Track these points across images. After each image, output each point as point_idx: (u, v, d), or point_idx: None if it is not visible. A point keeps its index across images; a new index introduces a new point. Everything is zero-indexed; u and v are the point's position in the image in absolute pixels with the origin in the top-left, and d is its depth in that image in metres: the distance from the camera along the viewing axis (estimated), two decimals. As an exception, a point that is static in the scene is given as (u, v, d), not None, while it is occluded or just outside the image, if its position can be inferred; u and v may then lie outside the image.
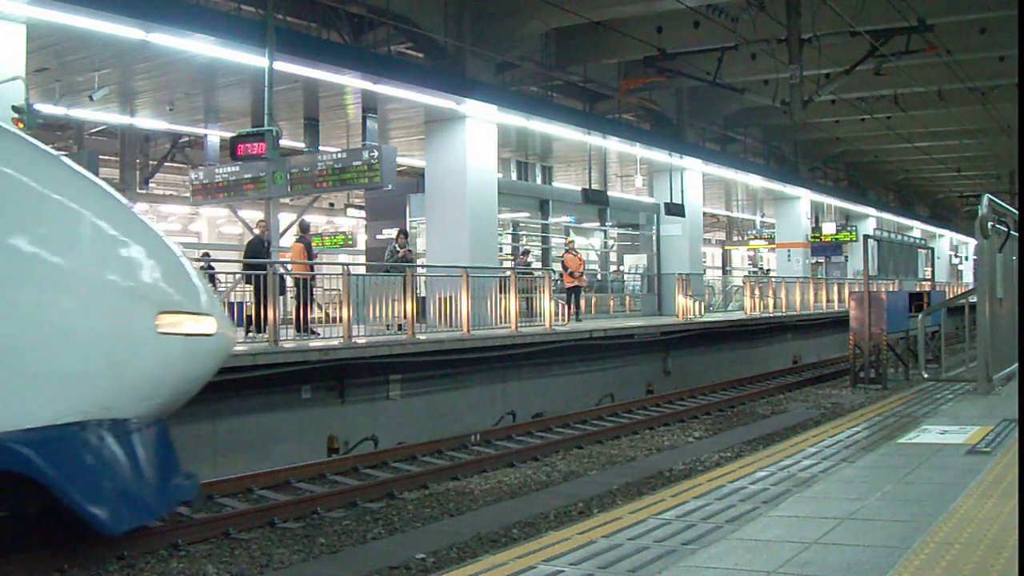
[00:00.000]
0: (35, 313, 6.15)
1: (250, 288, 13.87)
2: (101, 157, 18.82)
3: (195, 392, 7.13)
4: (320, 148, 21.61)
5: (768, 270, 44.77)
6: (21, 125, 10.39)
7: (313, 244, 18.27)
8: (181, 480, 6.96)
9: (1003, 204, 11.72)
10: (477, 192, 18.84)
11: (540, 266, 22.17)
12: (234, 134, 15.70)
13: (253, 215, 24.25)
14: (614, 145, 24.39)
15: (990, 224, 10.42)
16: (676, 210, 27.32)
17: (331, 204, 37.82)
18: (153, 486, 6.63)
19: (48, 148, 7.16)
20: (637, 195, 31.44)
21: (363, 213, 26.99)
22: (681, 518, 5.57)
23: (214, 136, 23.80)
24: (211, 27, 13.25)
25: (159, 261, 6.90)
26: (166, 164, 30.02)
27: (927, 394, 11.48)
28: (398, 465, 10.65)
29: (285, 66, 14.32)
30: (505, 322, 16.44)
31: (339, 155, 16.84)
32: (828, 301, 32.93)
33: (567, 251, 21.42)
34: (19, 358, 6.03)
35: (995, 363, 10.67)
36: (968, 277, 59.01)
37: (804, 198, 36.79)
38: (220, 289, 14.19)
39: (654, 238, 28.34)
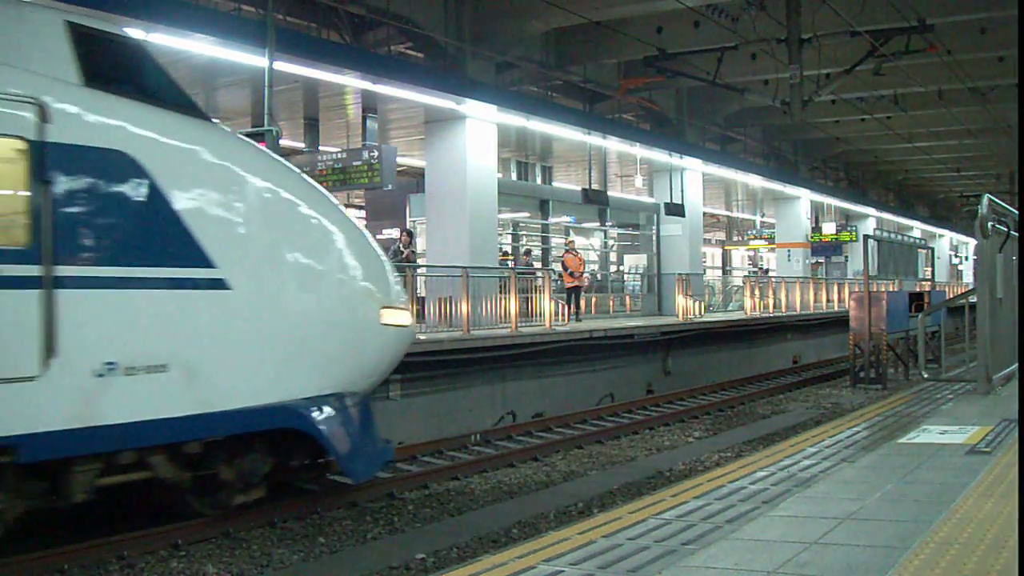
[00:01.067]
0: (312, 312, 8.10)
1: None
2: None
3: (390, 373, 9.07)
4: (320, 148, 21.62)
5: (767, 270, 44.79)
6: None
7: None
8: (383, 444, 8.74)
9: (1003, 204, 11.72)
10: (477, 192, 18.84)
11: (540, 266, 22.18)
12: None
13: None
14: (614, 145, 24.39)
15: (990, 224, 10.42)
16: (676, 210, 27.33)
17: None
18: (375, 446, 8.50)
19: (309, 178, 8.79)
20: (637, 195, 31.44)
21: (363, 213, 27.00)
22: (681, 518, 5.57)
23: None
24: (211, 27, 13.26)
25: (379, 266, 8.77)
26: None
27: (927, 394, 11.49)
28: (398, 465, 10.66)
29: (285, 66, 14.32)
30: (505, 322, 16.45)
31: (339, 155, 16.84)
32: (828, 301, 32.93)
33: (567, 251, 21.43)
34: (302, 347, 7.96)
35: (995, 363, 10.67)
36: (968, 277, 59.00)
37: (804, 198, 36.79)
38: None
39: (654, 238, 28.34)
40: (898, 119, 31.26)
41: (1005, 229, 11.30)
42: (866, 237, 19.39)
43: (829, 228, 41.07)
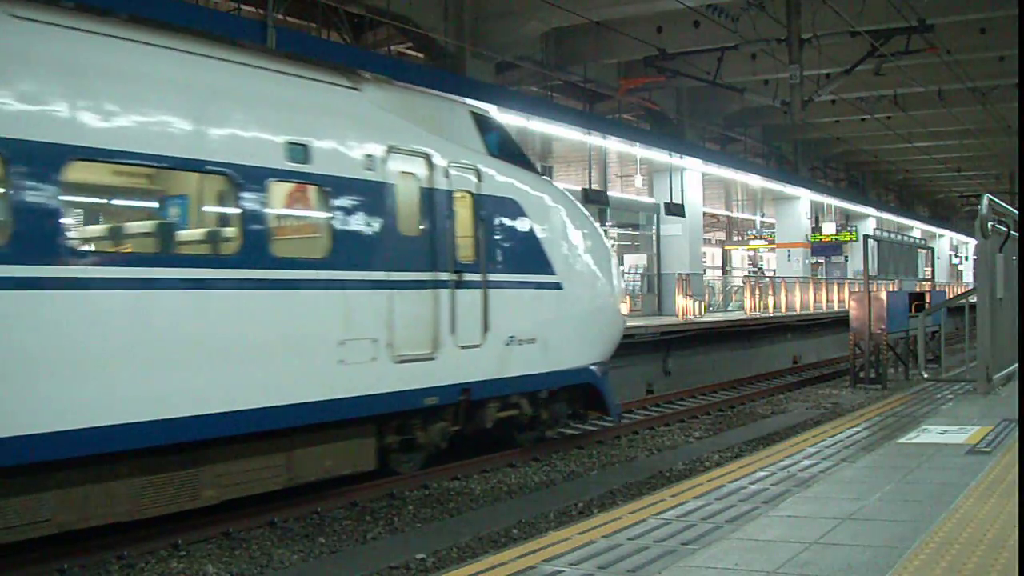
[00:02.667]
0: (594, 303, 11.49)
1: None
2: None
3: None
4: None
5: (762, 268, 44.80)
6: None
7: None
8: (616, 401, 11.99)
9: (1003, 204, 11.72)
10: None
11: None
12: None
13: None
14: (614, 145, 24.40)
15: (990, 224, 10.43)
16: (676, 210, 27.33)
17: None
18: (616, 398, 11.97)
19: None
20: (637, 195, 31.45)
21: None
22: (681, 518, 5.57)
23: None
24: (211, 27, 13.25)
25: (616, 270, 12.06)
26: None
27: (927, 394, 11.49)
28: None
29: (285, 66, 14.30)
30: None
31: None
32: (828, 301, 32.93)
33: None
34: (590, 327, 11.31)
35: (995, 363, 10.67)
36: (968, 277, 58.99)
37: (804, 198, 36.79)
38: None
39: (654, 238, 28.35)
40: (898, 119, 31.25)
41: (1005, 229, 11.30)
42: (866, 237, 19.38)
43: (829, 228, 41.07)
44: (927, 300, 19.91)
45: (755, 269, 48.53)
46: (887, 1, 18.66)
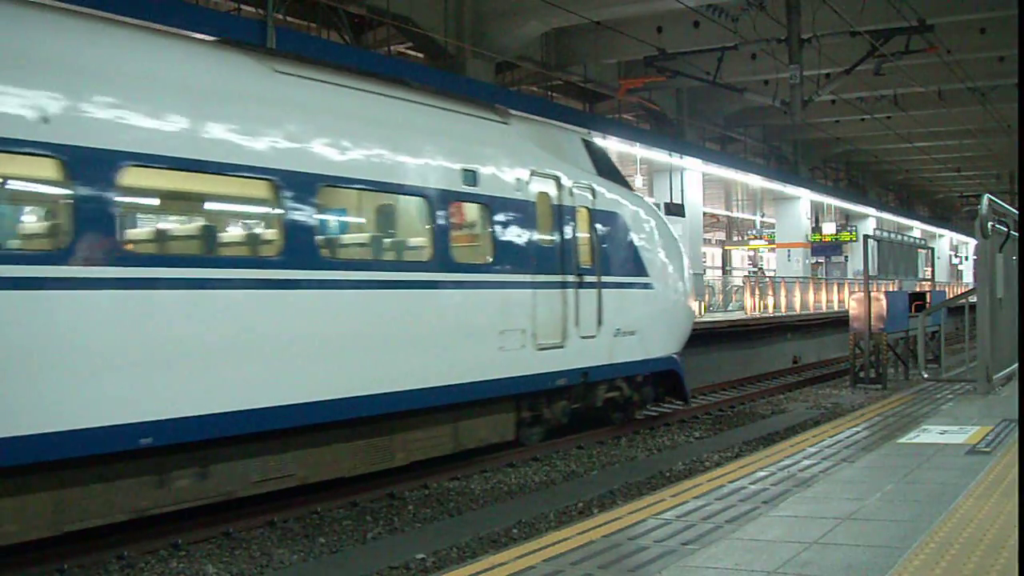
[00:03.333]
0: (675, 300, 13.25)
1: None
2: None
3: None
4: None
5: (762, 269, 44.79)
6: None
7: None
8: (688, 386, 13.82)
9: (1003, 204, 11.72)
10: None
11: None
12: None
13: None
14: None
15: (990, 224, 10.43)
16: (676, 210, 27.33)
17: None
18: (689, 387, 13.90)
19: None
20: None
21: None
22: (681, 518, 5.57)
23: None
24: (211, 27, 13.26)
25: (687, 267, 13.75)
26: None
27: (927, 394, 11.48)
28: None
29: (285, 66, 14.31)
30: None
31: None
32: (828, 301, 32.92)
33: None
34: (671, 321, 13.11)
35: (995, 363, 10.67)
36: (968, 277, 59.00)
37: (804, 198, 36.81)
38: None
39: (654, 238, 28.34)
40: (898, 119, 31.26)
41: (1005, 229, 11.30)
42: (866, 237, 19.38)
43: (829, 228, 41.09)
44: (927, 300, 19.91)
45: (755, 269, 48.54)
46: (887, 1, 18.66)
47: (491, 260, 10.07)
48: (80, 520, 6.86)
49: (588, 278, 11.39)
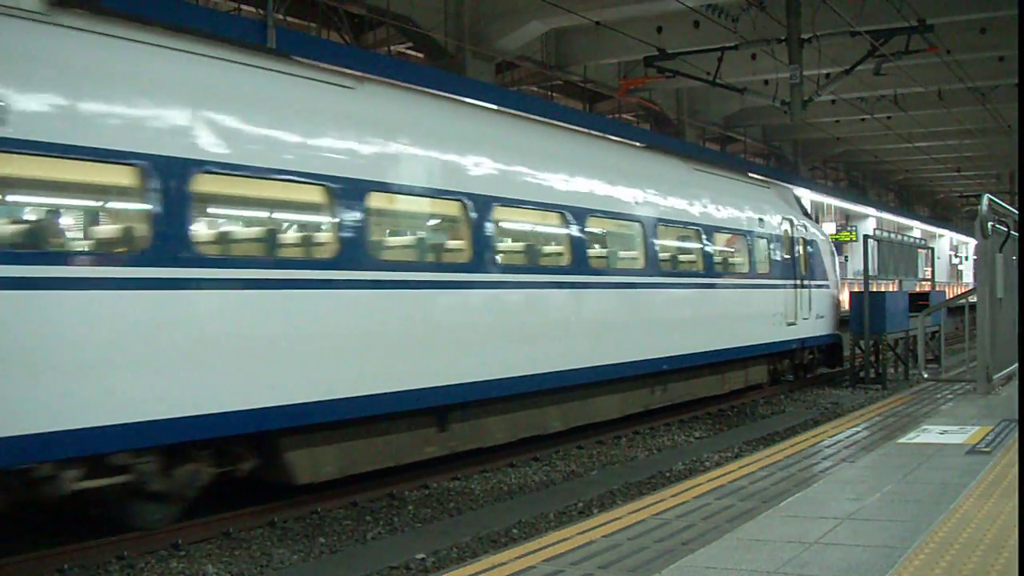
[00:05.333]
0: (838, 297, 19.57)
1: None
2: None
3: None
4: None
5: None
6: None
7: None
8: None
9: (1003, 204, 11.73)
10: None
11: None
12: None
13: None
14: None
15: (990, 224, 10.43)
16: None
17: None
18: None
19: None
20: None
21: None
22: (681, 518, 5.57)
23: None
24: (211, 27, 13.26)
25: (838, 269, 19.92)
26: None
27: (927, 394, 11.49)
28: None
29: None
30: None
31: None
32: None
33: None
34: (837, 314, 19.15)
35: (995, 363, 10.67)
36: (968, 277, 58.97)
37: (804, 198, 36.81)
38: None
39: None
40: (898, 119, 31.26)
41: (1005, 229, 11.30)
42: (866, 237, 19.40)
43: (829, 228, 41.07)
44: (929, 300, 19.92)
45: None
46: (887, 1, 18.66)
47: (769, 270, 16.23)
48: (392, 460, 9.20)
49: (805, 282, 17.41)
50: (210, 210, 8.17)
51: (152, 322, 6.81)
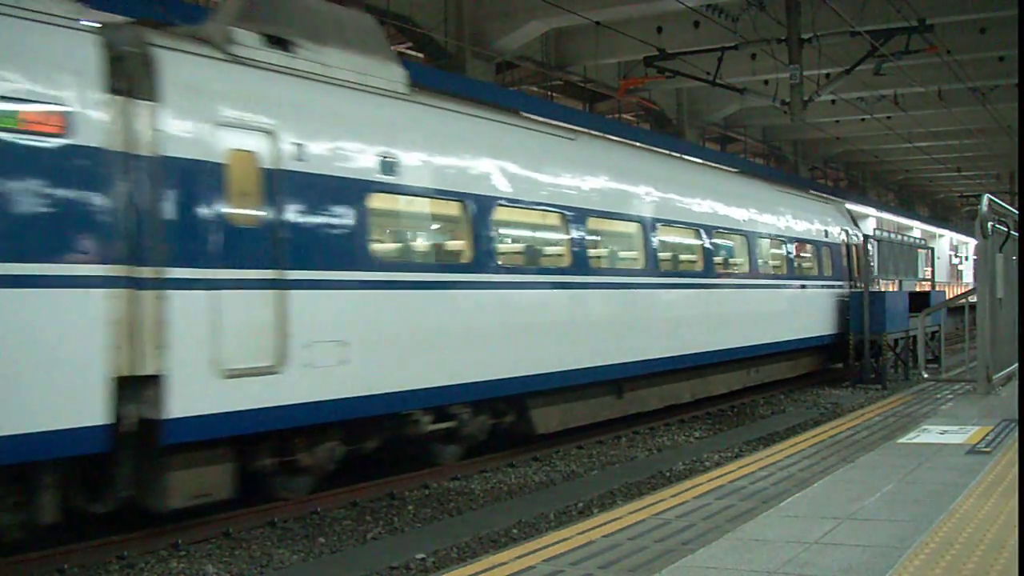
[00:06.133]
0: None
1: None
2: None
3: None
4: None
5: None
6: None
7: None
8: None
9: (1003, 204, 11.72)
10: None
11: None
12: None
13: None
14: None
15: (990, 224, 10.43)
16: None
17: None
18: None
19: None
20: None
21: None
22: (681, 518, 5.57)
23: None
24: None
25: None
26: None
27: (927, 394, 11.49)
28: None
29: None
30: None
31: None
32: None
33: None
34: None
35: (995, 363, 10.67)
36: (968, 277, 58.95)
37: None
38: None
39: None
40: (898, 119, 31.25)
41: (1005, 229, 11.30)
42: (866, 237, 19.39)
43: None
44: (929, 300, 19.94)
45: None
46: (887, 1, 18.65)
47: (831, 273, 18.94)
48: (589, 418, 11.93)
49: (857, 283, 19.71)
50: (503, 232, 10.68)
51: (495, 313, 9.94)
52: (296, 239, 7.83)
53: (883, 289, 20.35)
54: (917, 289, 22.34)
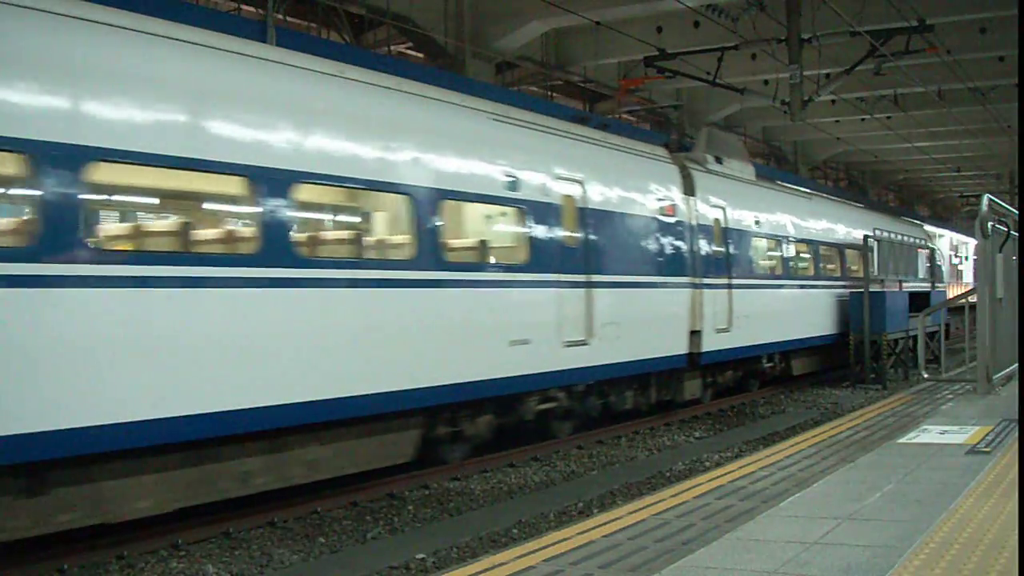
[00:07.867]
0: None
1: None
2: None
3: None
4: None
5: None
6: None
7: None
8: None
9: (1003, 204, 11.72)
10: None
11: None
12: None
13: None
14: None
15: (990, 224, 10.43)
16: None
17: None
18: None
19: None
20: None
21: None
22: (681, 518, 5.57)
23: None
24: (211, 27, 13.24)
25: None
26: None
27: (927, 394, 11.49)
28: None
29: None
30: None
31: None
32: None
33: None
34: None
35: (995, 363, 10.67)
36: (968, 277, 58.91)
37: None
38: None
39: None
40: (898, 119, 31.24)
41: (1005, 229, 11.30)
42: (866, 237, 19.39)
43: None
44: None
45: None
46: (887, 1, 18.64)
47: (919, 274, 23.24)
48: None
49: (938, 284, 22.54)
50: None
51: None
52: None
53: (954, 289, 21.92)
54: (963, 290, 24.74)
